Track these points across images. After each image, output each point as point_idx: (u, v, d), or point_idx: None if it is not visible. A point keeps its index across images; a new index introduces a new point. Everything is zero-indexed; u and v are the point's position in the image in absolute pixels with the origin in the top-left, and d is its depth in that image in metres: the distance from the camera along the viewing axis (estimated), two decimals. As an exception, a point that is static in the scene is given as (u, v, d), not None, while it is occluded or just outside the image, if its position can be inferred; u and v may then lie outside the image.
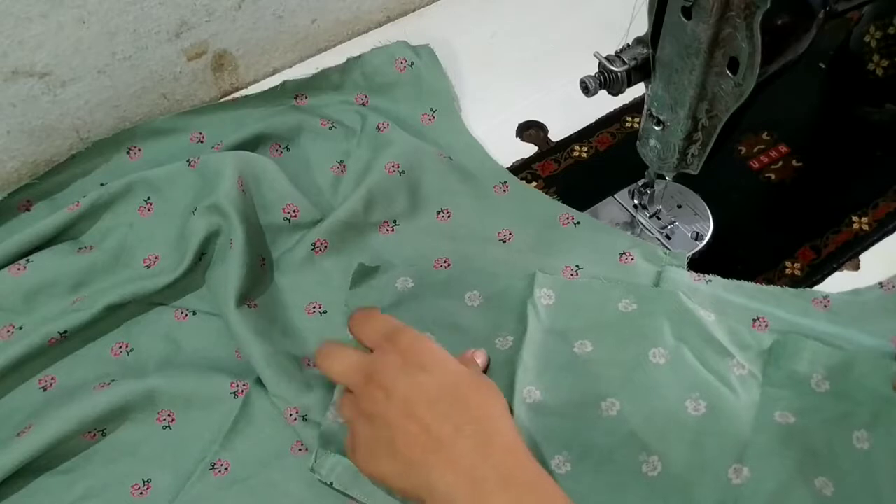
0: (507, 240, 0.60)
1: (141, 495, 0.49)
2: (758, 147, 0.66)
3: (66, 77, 0.62)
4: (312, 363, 0.54)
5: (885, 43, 0.64)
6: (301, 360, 0.54)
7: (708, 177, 0.54)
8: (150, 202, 0.60)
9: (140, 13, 0.62)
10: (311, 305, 0.57)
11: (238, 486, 0.49)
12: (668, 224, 0.60)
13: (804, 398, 0.49)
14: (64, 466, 0.50)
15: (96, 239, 0.59)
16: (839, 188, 0.63)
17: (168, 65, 0.67)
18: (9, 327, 0.55)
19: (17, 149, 0.64)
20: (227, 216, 0.56)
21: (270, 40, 0.72)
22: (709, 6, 0.42)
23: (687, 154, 0.52)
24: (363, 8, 0.76)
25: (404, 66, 0.69)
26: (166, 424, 0.52)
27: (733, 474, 0.47)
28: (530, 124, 0.69)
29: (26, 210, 0.61)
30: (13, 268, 0.56)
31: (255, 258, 0.57)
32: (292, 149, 0.66)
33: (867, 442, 0.47)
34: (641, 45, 0.49)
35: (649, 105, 0.51)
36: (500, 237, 0.60)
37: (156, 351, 0.55)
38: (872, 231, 0.60)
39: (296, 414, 0.51)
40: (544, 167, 0.65)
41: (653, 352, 0.52)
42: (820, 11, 0.45)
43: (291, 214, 0.60)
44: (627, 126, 0.68)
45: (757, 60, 0.42)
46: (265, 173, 0.60)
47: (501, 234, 0.61)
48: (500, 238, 0.60)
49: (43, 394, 0.53)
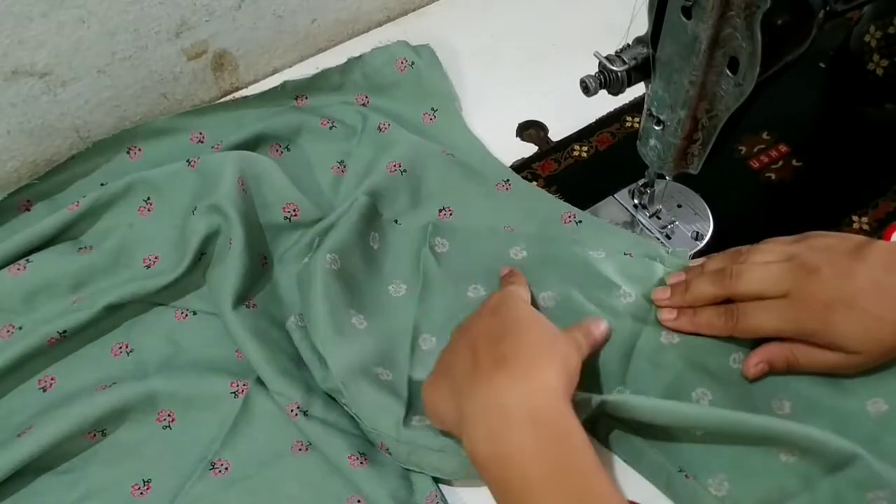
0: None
1: (141, 495, 0.49)
2: (758, 147, 0.66)
3: (67, 77, 0.62)
4: None
5: (885, 43, 0.64)
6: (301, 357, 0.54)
7: (708, 177, 0.54)
8: (149, 202, 0.60)
9: (140, 13, 0.62)
10: None
11: (238, 485, 0.49)
12: (668, 224, 0.60)
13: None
14: (64, 466, 0.50)
15: (96, 239, 0.59)
16: (839, 188, 0.63)
17: (168, 64, 0.67)
18: (8, 327, 0.55)
19: (17, 149, 0.64)
20: (226, 216, 0.56)
21: (270, 40, 0.72)
22: (709, 6, 0.42)
23: (687, 154, 0.52)
24: (363, 8, 0.76)
25: (405, 66, 0.69)
26: (166, 424, 0.52)
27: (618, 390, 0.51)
28: (530, 124, 0.69)
29: (26, 210, 0.61)
30: (13, 268, 0.56)
31: (255, 258, 0.57)
32: (293, 149, 0.66)
33: (740, 363, 0.51)
34: (641, 45, 0.49)
35: (649, 105, 0.51)
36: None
37: (156, 351, 0.55)
38: (872, 231, 0.60)
39: (297, 409, 0.51)
40: (544, 167, 0.65)
41: (542, 296, 0.55)
42: (820, 11, 0.45)
43: (292, 214, 0.60)
44: (627, 126, 0.68)
45: (757, 60, 0.42)
46: (265, 173, 0.60)
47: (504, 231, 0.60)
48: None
49: (43, 394, 0.53)
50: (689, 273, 0.54)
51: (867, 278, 0.46)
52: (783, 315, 0.48)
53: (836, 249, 0.48)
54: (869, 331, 0.46)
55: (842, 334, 0.46)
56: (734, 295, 0.50)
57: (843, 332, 0.46)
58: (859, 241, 0.48)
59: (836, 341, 0.47)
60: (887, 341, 0.46)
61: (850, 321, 0.46)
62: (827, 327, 0.47)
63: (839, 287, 0.46)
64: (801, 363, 0.48)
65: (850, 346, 0.46)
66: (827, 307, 0.46)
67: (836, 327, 0.46)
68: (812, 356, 0.48)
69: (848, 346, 0.46)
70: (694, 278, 0.53)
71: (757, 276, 0.49)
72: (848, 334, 0.46)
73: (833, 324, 0.46)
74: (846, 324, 0.46)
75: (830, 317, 0.46)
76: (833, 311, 0.46)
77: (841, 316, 0.46)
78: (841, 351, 0.47)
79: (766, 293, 0.49)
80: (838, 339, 0.47)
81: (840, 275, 0.47)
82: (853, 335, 0.46)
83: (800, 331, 0.48)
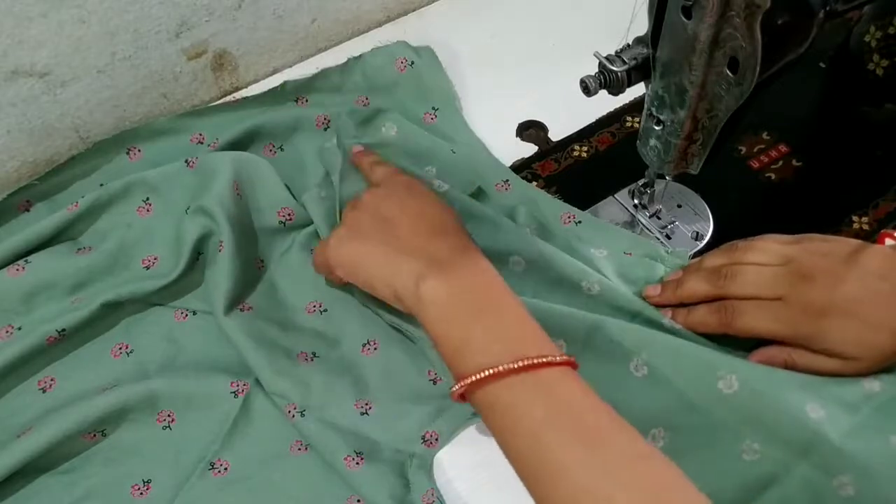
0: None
1: (141, 495, 0.49)
2: (758, 147, 0.66)
3: (66, 77, 0.62)
4: (310, 358, 0.54)
5: (885, 43, 0.64)
6: (297, 357, 0.54)
7: (708, 177, 0.54)
8: (148, 203, 0.60)
9: (140, 13, 0.62)
10: (312, 305, 0.57)
11: (237, 485, 0.49)
12: (668, 224, 0.60)
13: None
14: (64, 466, 0.50)
15: (95, 240, 0.59)
16: (839, 188, 0.63)
17: (168, 64, 0.67)
18: (8, 328, 0.55)
19: (17, 149, 0.64)
20: (214, 218, 0.56)
21: (270, 40, 0.72)
22: (709, 6, 0.42)
23: (687, 154, 0.52)
24: (363, 8, 0.76)
25: (405, 66, 0.69)
26: (166, 425, 0.52)
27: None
28: (530, 124, 0.69)
29: (26, 210, 0.61)
30: (12, 268, 0.56)
31: (249, 261, 0.57)
32: (286, 149, 0.66)
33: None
34: (641, 45, 0.49)
35: (649, 105, 0.51)
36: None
37: (156, 351, 0.55)
38: (872, 231, 0.60)
39: (294, 410, 0.51)
40: (544, 167, 0.65)
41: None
42: (820, 11, 0.45)
43: (286, 218, 0.60)
44: (627, 126, 0.68)
45: (757, 60, 0.42)
46: (260, 176, 0.60)
47: None
48: None
49: (42, 395, 0.53)
50: (685, 271, 0.54)
51: (862, 285, 0.46)
52: (778, 317, 0.48)
53: (831, 255, 0.48)
54: (865, 338, 0.46)
55: (837, 341, 0.46)
56: (728, 295, 0.50)
57: (838, 339, 0.46)
58: (855, 246, 0.48)
59: (832, 348, 0.46)
60: (886, 347, 0.46)
61: (846, 329, 0.46)
62: (822, 334, 0.46)
63: (834, 294, 0.46)
64: (798, 367, 0.48)
65: (846, 353, 0.46)
66: (822, 314, 0.46)
67: (832, 334, 0.46)
68: (810, 361, 0.48)
69: (844, 353, 0.46)
70: (688, 275, 0.53)
71: (751, 278, 0.49)
72: (844, 341, 0.46)
73: (828, 331, 0.46)
74: (841, 331, 0.46)
75: (825, 323, 0.46)
76: (828, 317, 0.46)
77: (836, 323, 0.46)
78: (838, 357, 0.46)
79: (761, 296, 0.48)
80: (834, 346, 0.46)
81: (835, 281, 0.46)
82: (849, 342, 0.46)
83: (795, 334, 0.48)
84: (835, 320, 0.46)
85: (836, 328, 0.46)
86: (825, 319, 0.46)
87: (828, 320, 0.46)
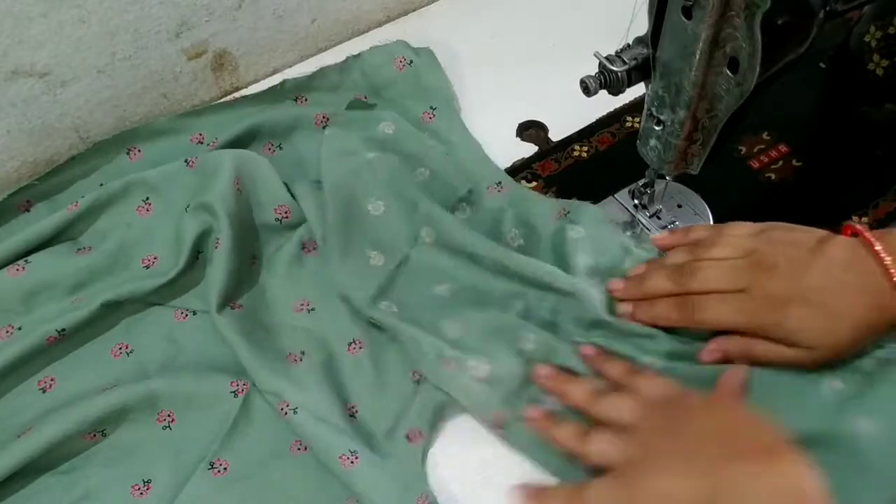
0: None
1: (141, 495, 0.49)
2: (758, 147, 0.66)
3: (66, 77, 0.62)
4: (298, 359, 0.54)
5: (885, 43, 0.64)
6: (286, 357, 0.54)
7: (708, 177, 0.54)
8: (148, 202, 0.60)
9: (140, 13, 0.62)
10: (299, 303, 0.57)
11: (237, 485, 0.49)
12: (668, 224, 0.60)
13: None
14: (64, 466, 0.50)
15: (95, 239, 0.59)
16: (839, 188, 0.63)
17: (168, 64, 0.67)
18: (8, 328, 0.55)
19: (17, 149, 0.64)
20: (215, 214, 0.56)
21: (270, 40, 0.72)
22: (709, 6, 0.42)
23: (687, 154, 0.52)
24: (363, 8, 0.76)
25: (403, 65, 0.69)
26: (166, 424, 0.52)
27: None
28: (530, 124, 0.69)
29: (26, 210, 0.61)
30: (12, 268, 0.56)
31: (244, 258, 0.58)
32: (285, 147, 0.66)
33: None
34: (641, 45, 0.49)
35: (649, 105, 0.51)
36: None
37: (156, 351, 0.55)
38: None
39: (286, 408, 0.51)
40: (544, 167, 0.65)
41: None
42: (820, 11, 0.45)
43: (283, 216, 0.60)
44: (627, 126, 0.68)
45: (757, 60, 0.42)
46: (260, 173, 0.60)
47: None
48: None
49: (42, 395, 0.53)
50: (648, 266, 0.54)
51: (826, 275, 0.46)
52: (741, 308, 0.48)
53: (795, 244, 0.48)
54: (825, 327, 0.46)
55: (797, 330, 0.46)
56: (689, 292, 0.50)
57: (798, 328, 0.46)
58: (819, 236, 0.48)
59: (791, 337, 0.46)
60: (843, 338, 0.46)
61: (807, 317, 0.46)
62: (783, 322, 0.46)
63: (797, 283, 0.46)
64: (758, 357, 0.48)
65: (805, 342, 0.46)
66: (784, 303, 0.46)
67: (792, 323, 0.46)
68: (768, 350, 0.48)
69: (803, 342, 0.46)
70: (650, 272, 0.53)
71: (713, 273, 0.49)
72: (804, 330, 0.46)
73: (789, 319, 0.46)
74: (802, 320, 0.46)
75: (787, 312, 0.46)
76: (789, 306, 0.46)
77: (797, 312, 0.46)
78: (796, 346, 0.46)
79: (723, 291, 0.49)
80: (793, 335, 0.46)
81: (798, 271, 0.46)
82: (809, 331, 0.46)
83: (756, 325, 0.48)
84: (797, 309, 0.46)
85: (799, 316, 0.46)
86: (788, 308, 0.46)
87: (790, 309, 0.46)
